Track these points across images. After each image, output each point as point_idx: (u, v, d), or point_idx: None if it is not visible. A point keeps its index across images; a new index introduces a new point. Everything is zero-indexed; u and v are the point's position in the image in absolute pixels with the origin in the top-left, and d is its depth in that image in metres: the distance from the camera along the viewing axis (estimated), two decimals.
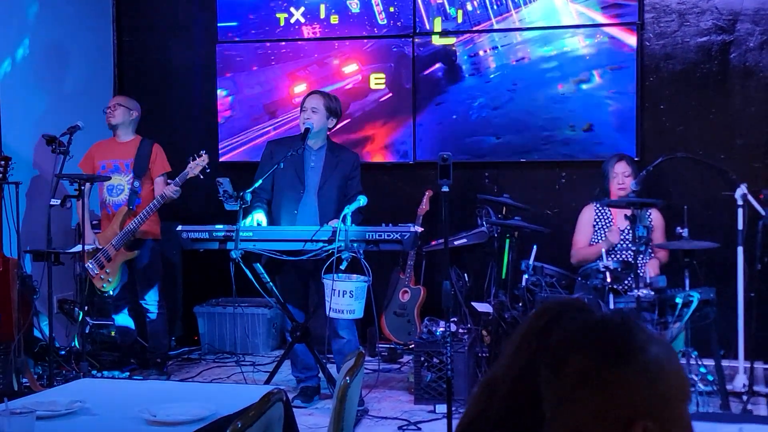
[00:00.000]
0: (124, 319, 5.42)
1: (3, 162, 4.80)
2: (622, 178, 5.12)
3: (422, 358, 4.75)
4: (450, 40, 5.95)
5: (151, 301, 5.34)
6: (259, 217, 4.70)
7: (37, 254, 4.84)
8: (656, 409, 1.11)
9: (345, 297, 4.35)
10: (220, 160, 6.30)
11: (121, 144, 5.39)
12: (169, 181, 5.19)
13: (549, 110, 5.77)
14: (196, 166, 5.05)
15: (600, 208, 5.22)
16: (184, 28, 6.55)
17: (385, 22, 6.06)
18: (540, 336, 1.54)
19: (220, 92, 6.36)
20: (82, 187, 4.78)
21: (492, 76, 5.87)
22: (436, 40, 5.97)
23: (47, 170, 5.65)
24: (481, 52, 5.89)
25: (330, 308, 4.36)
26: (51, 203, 4.71)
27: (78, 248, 4.98)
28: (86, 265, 5.05)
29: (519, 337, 1.58)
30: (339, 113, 4.89)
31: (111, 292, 5.30)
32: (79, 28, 6.25)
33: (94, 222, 5.50)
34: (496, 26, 5.87)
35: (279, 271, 4.77)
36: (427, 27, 6.00)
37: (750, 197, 4.75)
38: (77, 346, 5.23)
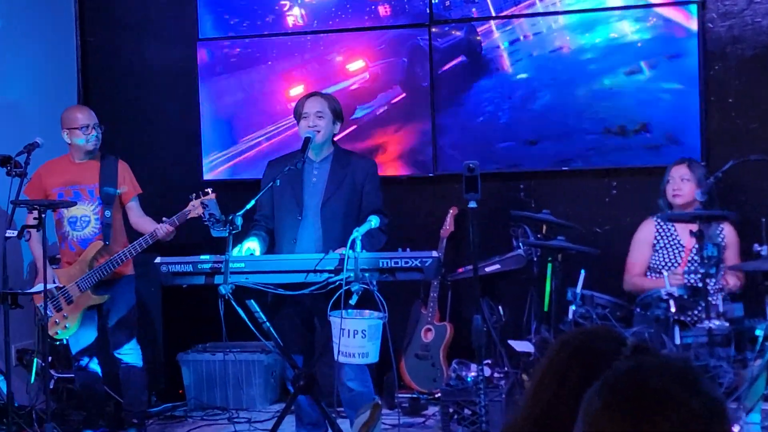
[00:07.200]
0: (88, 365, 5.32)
1: None
2: (678, 183, 5.10)
3: (451, 410, 4.79)
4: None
5: (128, 349, 5.25)
6: (251, 245, 4.68)
7: None
8: None
9: (356, 337, 4.32)
10: (204, 178, 6.32)
11: (78, 165, 5.25)
12: (164, 219, 5.01)
13: (594, 109, 5.80)
14: (200, 205, 4.75)
15: (661, 224, 5.17)
16: (160, 24, 6.59)
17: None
18: (562, 373, 1.52)
19: (203, 99, 6.36)
20: (43, 215, 4.75)
21: (525, 70, 5.86)
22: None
23: None
24: (511, 42, 5.88)
25: (339, 351, 4.33)
26: (6, 235, 4.69)
27: (39, 288, 4.92)
28: (39, 306, 4.97)
29: (539, 375, 1.58)
30: (343, 116, 4.95)
31: (65, 341, 5.22)
32: (35, 27, 6.28)
33: (57, 256, 5.45)
34: (528, 10, 5.86)
35: (277, 309, 4.74)
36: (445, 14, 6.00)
37: None
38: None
